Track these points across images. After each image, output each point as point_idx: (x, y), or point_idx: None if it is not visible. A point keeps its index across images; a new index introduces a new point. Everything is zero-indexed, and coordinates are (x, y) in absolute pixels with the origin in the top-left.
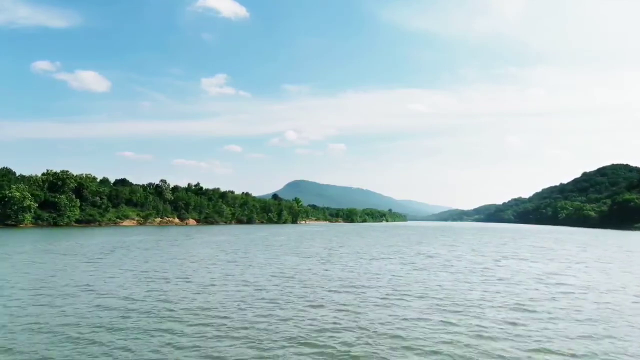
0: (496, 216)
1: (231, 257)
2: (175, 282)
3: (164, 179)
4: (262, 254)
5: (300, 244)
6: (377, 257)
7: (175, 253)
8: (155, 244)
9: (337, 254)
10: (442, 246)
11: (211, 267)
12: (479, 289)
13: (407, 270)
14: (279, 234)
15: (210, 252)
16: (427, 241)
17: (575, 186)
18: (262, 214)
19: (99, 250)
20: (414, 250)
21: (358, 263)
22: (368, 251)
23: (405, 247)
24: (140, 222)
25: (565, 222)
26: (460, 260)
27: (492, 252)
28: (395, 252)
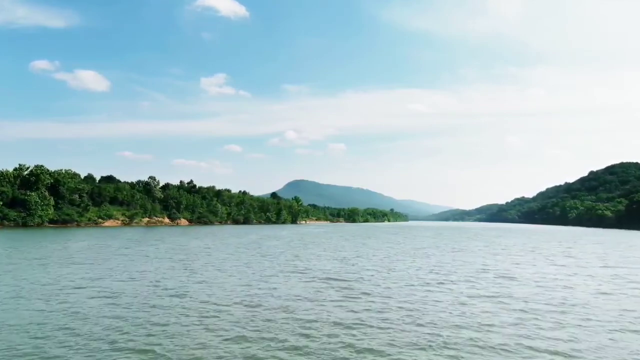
0: (499, 216)
1: (173, 283)
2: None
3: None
4: (237, 275)
5: (301, 253)
6: (435, 282)
7: (85, 271)
8: (97, 252)
9: (364, 274)
10: (494, 256)
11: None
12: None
13: (519, 317)
14: (275, 237)
15: (145, 270)
16: (463, 247)
17: (582, 185)
18: (260, 213)
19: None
20: (467, 266)
21: (414, 296)
22: (410, 268)
23: (448, 259)
24: (126, 223)
25: (576, 222)
26: (575, 288)
27: (588, 265)
28: (450, 272)
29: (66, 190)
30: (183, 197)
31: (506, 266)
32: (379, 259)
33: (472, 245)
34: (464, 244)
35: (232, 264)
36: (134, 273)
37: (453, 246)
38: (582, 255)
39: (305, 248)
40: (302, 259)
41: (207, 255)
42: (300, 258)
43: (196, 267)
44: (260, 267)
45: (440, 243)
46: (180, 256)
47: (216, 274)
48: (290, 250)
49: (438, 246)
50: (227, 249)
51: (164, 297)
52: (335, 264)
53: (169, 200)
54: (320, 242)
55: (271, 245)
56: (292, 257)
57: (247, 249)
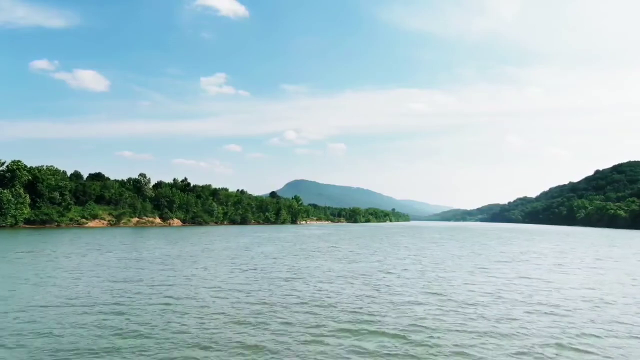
0: (502, 216)
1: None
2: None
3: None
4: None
5: (303, 268)
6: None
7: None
8: (33, 258)
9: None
10: (575, 270)
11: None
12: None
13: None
14: (271, 240)
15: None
16: (513, 257)
17: (589, 184)
18: (258, 213)
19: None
20: (567, 290)
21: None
22: (497, 302)
23: (522, 280)
24: (112, 223)
25: (585, 222)
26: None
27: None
28: (528, 296)
29: (45, 188)
30: (176, 195)
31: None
32: (433, 281)
33: (513, 250)
34: (503, 251)
35: (184, 290)
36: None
37: (497, 256)
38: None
39: (309, 257)
40: (305, 278)
41: (161, 270)
42: (301, 275)
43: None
44: (232, 301)
45: (474, 249)
46: (106, 272)
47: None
48: (287, 260)
49: (479, 253)
50: (201, 259)
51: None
52: (362, 290)
53: (161, 199)
54: (327, 249)
55: (263, 253)
56: (289, 276)
57: (230, 259)
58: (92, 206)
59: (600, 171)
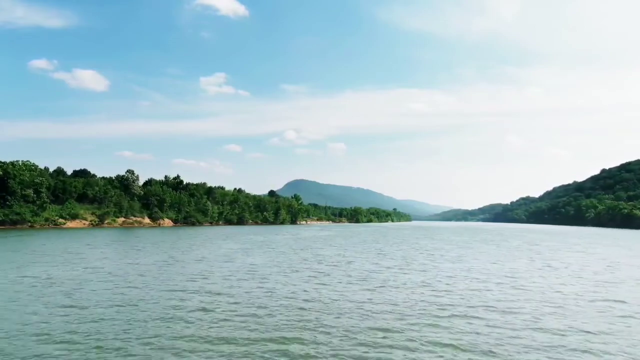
0: (505, 216)
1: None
2: None
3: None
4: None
5: (310, 310)
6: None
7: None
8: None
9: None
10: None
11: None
12: None
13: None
14: (265, 244)
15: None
16: (579, 271)
17: (596, 184)
18: (256, 213)
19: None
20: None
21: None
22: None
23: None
24: (95, 224)
25: (595, 222)
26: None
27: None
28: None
29: (18, 185)
30: (167, 194)
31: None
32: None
33: (574, 257)
34: (554, 258)
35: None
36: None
37: (576, 267)
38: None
39: (318, 276)
40: (319, 328)
41: (45, 303)
42: (307, 321)
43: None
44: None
45: (532, 255)
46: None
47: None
48: (283, 283)
49: (551, 264)
50: (136, 282)
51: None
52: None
53: (151, 197)
54: (340, 259)
55: (248, 269)
56: (287, 320)
57: (186, 281)
58: (72, 205)
59: (607, 170)
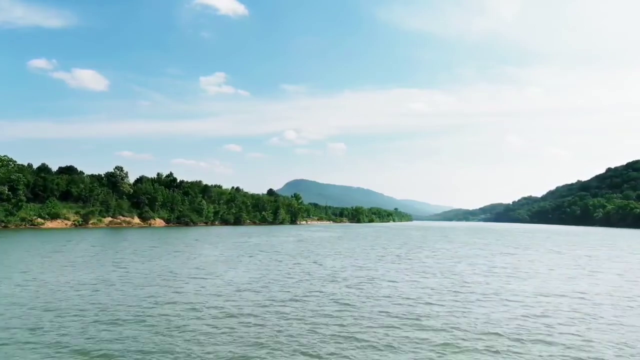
0: (507, 216)
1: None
2: None
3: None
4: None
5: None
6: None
7: None
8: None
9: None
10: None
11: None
12: None
13: None
14: (256, 250)
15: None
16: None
17: (602, 183)
18: (254, 212)
19: None
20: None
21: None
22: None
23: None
24: (78, 224)
25: (604, 222)
26: None
27: None
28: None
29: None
30: (159, 192)
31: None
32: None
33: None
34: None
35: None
36: None
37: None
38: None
39: (324, 325)
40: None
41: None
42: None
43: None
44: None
45: (580, 262)
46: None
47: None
48: (272, 327)
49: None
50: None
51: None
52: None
53: (141, 196)
54: (356, 275)
55: (216, 291)
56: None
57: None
58: (53, 204)
59: (612, 169)
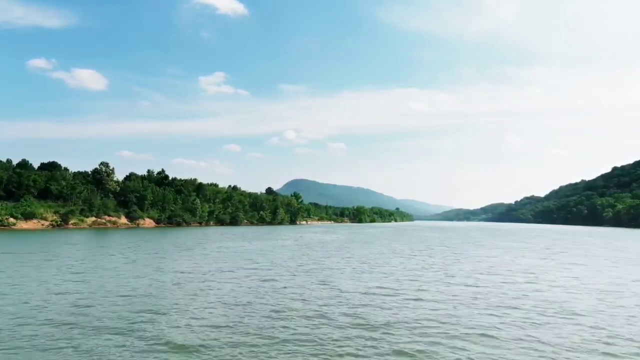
0: (509, 215)
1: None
2: None
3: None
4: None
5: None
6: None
7: None
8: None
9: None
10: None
11: None
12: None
13: None
14: (241, 260)
15: None
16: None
17: (608, 182)
18: (251, 212)
19: None
20: None
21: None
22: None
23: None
24: (56, 224)
25: (614, 222)
26: None
27: None
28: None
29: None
30: (148, 190)
31: None
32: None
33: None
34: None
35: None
36: None
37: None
38: None
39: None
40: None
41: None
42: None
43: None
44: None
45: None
46: None
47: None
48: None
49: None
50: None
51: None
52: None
53: (129, 194)
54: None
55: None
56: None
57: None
58: (29, 202)
59: (619, 168)
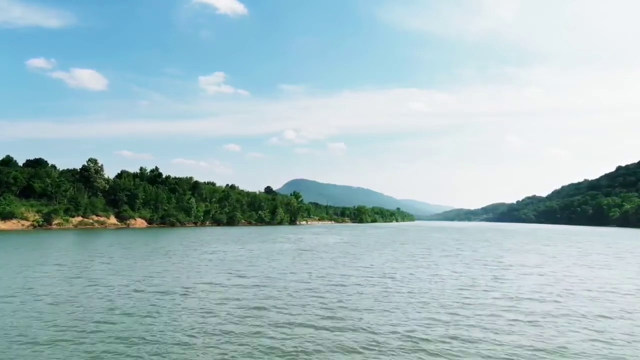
0: (511, 215)
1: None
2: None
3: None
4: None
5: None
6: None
7: None
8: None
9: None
10: None
11: None
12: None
13: None
14: (216, 276)
15: None
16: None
17: (613, 181)
18: (250, 212)
19: None
20: None
21: None
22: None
23: None
24: (38, 224)
25: (622, 222)
26: None
27: None
28: None
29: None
30: (140, 188)
31: None
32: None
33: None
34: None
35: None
36: None
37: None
38: None
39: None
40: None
41: None
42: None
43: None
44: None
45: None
46: None
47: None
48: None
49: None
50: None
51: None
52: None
53: (119, 192)
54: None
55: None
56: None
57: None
58: (9, 200)
59: (623, 167)
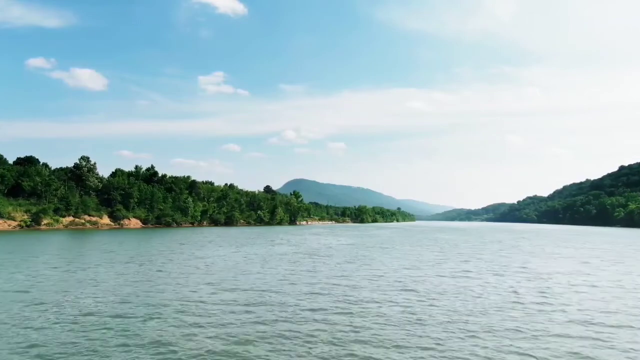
0: (512, 215)
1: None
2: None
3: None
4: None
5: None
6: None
7: None
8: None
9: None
10: None
11: None
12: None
13: None
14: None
15: None
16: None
17: (616, 181)
18: (249, 212)
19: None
20: None
21: None
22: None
23: None
24: (25, 225)
25: (626, 222)
26: None
27: None
28: None
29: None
30: (135, 187)
31: None
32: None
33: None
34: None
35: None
36: None
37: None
38: None
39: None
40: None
41: None
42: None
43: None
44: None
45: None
46: None
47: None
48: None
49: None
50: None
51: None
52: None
53: (112, 192)
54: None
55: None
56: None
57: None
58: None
59: (626, 166)
